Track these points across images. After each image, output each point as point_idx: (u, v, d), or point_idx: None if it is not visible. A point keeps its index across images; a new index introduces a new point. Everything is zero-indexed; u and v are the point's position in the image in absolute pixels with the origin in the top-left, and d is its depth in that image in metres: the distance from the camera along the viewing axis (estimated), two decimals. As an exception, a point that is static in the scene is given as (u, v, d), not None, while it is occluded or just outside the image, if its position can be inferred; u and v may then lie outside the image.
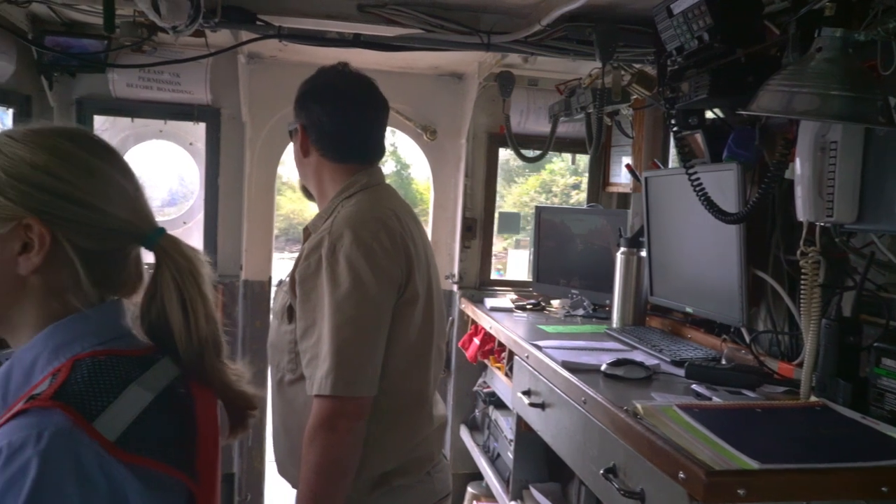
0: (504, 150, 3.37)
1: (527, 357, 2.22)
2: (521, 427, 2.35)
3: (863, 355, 1.53)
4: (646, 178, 2.51)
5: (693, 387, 1.70)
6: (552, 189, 11.47)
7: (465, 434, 3.30)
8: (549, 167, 11.17)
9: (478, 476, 3.13)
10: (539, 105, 3.16)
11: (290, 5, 2.14)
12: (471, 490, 3.22)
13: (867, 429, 1.38)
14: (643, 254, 2.57)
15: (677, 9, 1.70)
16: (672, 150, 2.69)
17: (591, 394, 1.68)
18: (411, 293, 1.54)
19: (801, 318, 1.62)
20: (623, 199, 3.32)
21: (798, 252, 1.58)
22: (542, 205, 4.61)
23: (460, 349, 3.19)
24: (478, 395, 3.21)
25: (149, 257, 0.92)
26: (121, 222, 0.88)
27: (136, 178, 0.93)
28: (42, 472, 0.70)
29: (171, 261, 0.90)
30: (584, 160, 3.51)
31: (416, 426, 1.60)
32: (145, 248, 0.92)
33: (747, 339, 1.99)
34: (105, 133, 3.05)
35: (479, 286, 3.37)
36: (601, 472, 1.53)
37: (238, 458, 3.21)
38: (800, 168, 1.56)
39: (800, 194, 1.56)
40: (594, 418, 1.65)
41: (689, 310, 2.30)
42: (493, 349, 2.87)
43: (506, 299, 3.20)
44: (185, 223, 3.24)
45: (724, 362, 1.98)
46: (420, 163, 3.46)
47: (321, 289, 1.47)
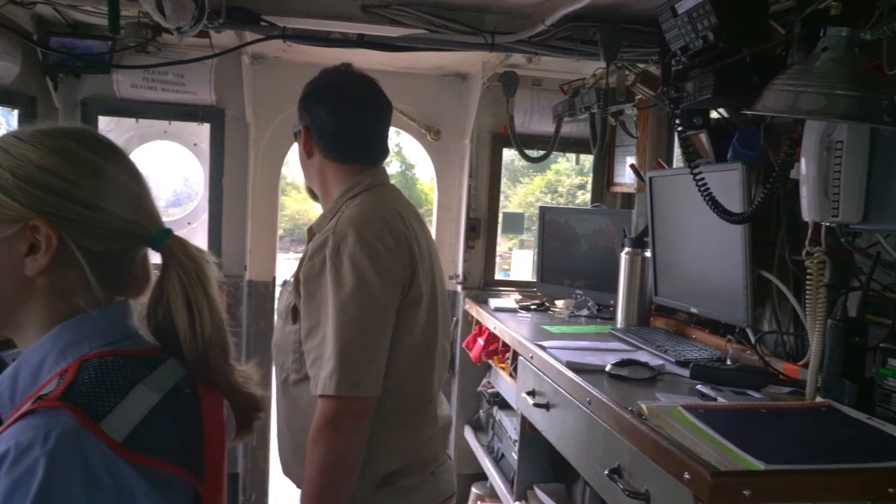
0: (508, 151, 3.36)
1: (531, 357, 2.22)
2: (526, 427, 2.34)
3: (869, 356, 1.52)
4: (650, 179, 2.50)
5: (698, 387, 1.70)
6: (558, 189, 11.46)
7: (469, 434, 3.30)
8: (555, 167, 11.17)
9: (482, 476, 3.13)
10: (543, 105, 3.16)
11: (294, 6, 2.14)
12: (475, 490, 3.21)
13: (873, 429, 1.37)
14: (647, 254, 2.56)
15: (682, 8, 1.70)
16: (676, 150, 2.69)
17: (595, 394, 1.68)
18: (415, 293, 1.54)
19: (807, 318, 1.61)
20: (627, 200, 3.31)
21: (803, 252, 1.58)
22: (546, 205, 4.59)
23: (464, 349, 3.19)
24: (482, 396, 3.21)
25: (157, 258, 0.93)
26: (127, 223, 0.88)
27: (143, 179, 0.93)
28: (49, 472, 0.71)
29: (177, 262, 0.90)
30: (588, 160, 3.51)
31: (420, 426, 1.60)
32: (152, 249, 0.92)
33: (752, 339, 1.99)
34: (109, 134, 3.05)
35: (483, 286, 3.37)
36: (606, 472, 1.53)
37: (242, 458, 3.22)
38: (805, 168, 1.55)
39: (805, 194, 1.56)
40: (599, 419, 1.65)
41: (693, 310, 2.30)
42: (498, 349, 2.86)
43: (510, 299, 3.19)
44: (189, 224, 3.25)
45: (728, 363, 1.97)
46: (425, 163, 3.47)
47: (325, 289, 1.47)
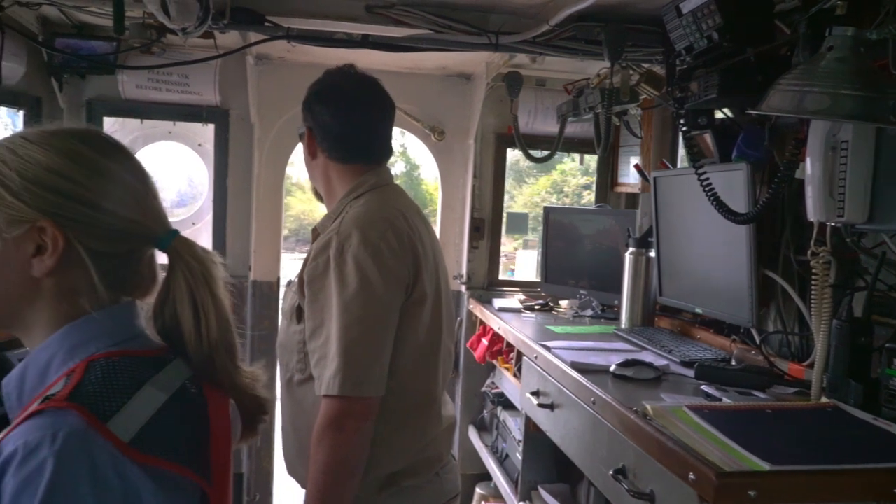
0: (512, 151, 3.36)
1: (535, 358, 2.22)
2: (530, 428, 2.34)
3: (874, 356, 1.52)
4: (654, 179, 2.50)
5: (703, 388, 1.70)
6: (564, 189, 11.43)
7: (473, 435, 3.30)
8: (561, 167, 11.14)
9: (486, 477, 3.13)
10: (547, 105, 3.15)
11: (299, 6, 2.14)
12: (479, 491, 3.21)
13: (879, 430, 1.37)
14: (652, 254, 2.56)
15: (686, 8, 1.69)
16: (681, 150, 2.69)
17: (600, 394, 1.68)
18: (419, 293, 1.54)
19: (812, 318, 1.61)
20: (631, 200, 3.31)
21: (808, 252, 1.57)
22: (550, 205, 4.59)
23: (468, 350, 3.18)
24: (486, 396, 3.20)
25: (163, 258, 0.93)
26: (133, 224, 0.88)
27: (150, 180, 0.93)
28: (57, 472, 0.71)
29: (183, 263, 0.90)
30: (593, 160, 3.50)
31: (424, 426, 1.60)
32: (158, 249, 0.92)
33: (757, 339, 1.98)
34: (114, 135, 3.03)
35: (488, 286, 3.37)
36: (610, 472, 1.53)
37: (247, 458, 3.22)
38: (810, 168, 1.55)
39: (810, 194, 1.56)
40: (603, 419, 1.65)
41: (698, 310, 2.30)
42: (502, 350, 2.86)
43: (514, 300, 3.19)
44: (193, 224, 3.26)
45: (733, 363, 1.97)
46: (430, 163, 3.45)
47: (329, 289, 1.47)
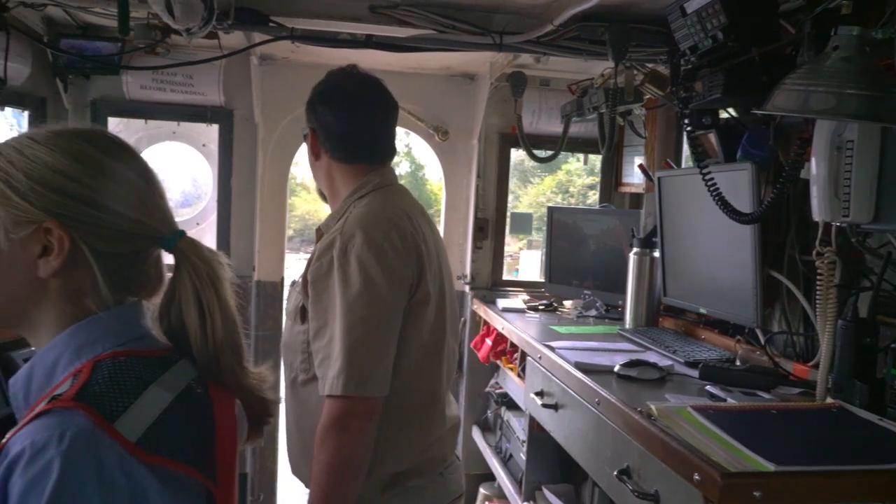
0: (517, 151, 3.36)
1: (539, 358, 2.22)
2: (534, 428, 2.35)
3: (880, 357, 1.51)
4: (659, 179, 2.50)
5: (707, 388, 1.70)
6: (569, 189, 11.42)
7: (477, 435, 3.30)
8: (566, 167, 11.13)
9: (490, 477, 3.13)
10: (551, 105, 3.15)
11: (303, 7, 2.15)
12: (483, 491, 3.21)
13: (884, 431, 1.37)
14: (656, 254, 2.56)
15: (691, 8, 1.69)
16: (685, 150, 2.68)
17: (604, 395, 1.68)
18: (423, 293, 1.54)
19: (817, 318, 1.60)
20: (636, 200, 3.31)
21: (814, 252, 1.57)
22: (554, 205, 4.59)
23: (472, 350, 3.18)
24: (490, 396, 3.20)
25: (170, 259, 0.93)
26: (138, 225, 0.88)
27: (156, 180, 0.93)
28: (64, 472, 0.71)
29: (189, 264, 0.90)
30: (597, 161, 3.50)
31: (428, 426, 1.60)
32: (164, 250, 0.92)
33: (762, 340, 1.98)
34: (119, 135, 3.07)
35: (492, 287, 3.37)
36: (615, 473, 1.53)
37: (251, 458, 3.22)
38: (815, 168, 1.54)
39: (815, 194, 1.55)
40: (607, 419, 1.65)
41: (702, 310, 2.29)
42: (506, 350, 2.86)
43: (518, 300, 3.19)
44: (198, 224, 3.26)
45: (738, 363, 1.96)
46: (434, 164, 3.45)
47: (333, 289, 1.47)
